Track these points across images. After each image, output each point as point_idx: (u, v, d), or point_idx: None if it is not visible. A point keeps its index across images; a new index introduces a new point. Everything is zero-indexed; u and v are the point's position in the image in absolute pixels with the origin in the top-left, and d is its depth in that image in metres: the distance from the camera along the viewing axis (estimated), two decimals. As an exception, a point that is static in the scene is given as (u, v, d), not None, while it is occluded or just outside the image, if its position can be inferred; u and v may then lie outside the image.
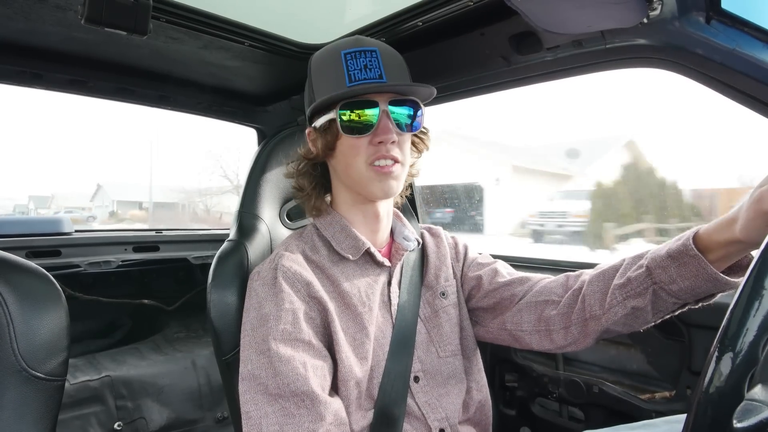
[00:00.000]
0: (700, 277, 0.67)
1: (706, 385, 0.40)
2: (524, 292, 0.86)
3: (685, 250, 0.67)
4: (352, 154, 0.77)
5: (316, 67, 0.82)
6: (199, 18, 1.03)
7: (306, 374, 0.69)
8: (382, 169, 0.76)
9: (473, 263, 0.95)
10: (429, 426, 0.80)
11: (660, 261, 0.70)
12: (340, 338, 0.75)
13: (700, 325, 1.01)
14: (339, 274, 0.81)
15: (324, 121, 0.79)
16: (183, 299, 2.04)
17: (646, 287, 0.70)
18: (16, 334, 0.68)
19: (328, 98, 0.76)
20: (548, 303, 0.82)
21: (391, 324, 0.82)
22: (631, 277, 0.72)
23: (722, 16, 0.73)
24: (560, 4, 0.72)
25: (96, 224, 17.45)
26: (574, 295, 0.80)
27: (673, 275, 0.68)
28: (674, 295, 0.69)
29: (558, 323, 0.80)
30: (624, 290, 0.72)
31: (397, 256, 0.87)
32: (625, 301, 0.72)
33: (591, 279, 0.78)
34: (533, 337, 0.83)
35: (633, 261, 0.75)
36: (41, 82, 1.25)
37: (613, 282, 0.74)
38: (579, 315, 0.78)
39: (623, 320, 0.73)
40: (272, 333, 0.71)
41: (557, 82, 1.07)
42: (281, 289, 0.74)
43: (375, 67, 0.77)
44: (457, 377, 0.86)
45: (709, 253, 0.67)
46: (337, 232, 0.83)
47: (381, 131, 0.76)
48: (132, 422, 1.65)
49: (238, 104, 1.61)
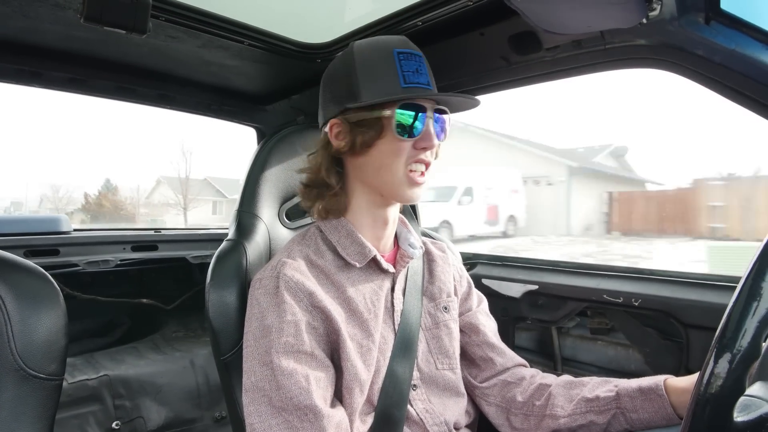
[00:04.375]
0: (659, 414, 0.75)
1: (705, 384, 0.40)
2: (503, 365, 0.92)
3: (655, 389, 0.76)
4: (393, 155, 0.77)
5: (363, 59, 0.78)
6: (199, 17, 1.03)
7: (308, 388, 0.68)
8: (415, 179, 0.78)
9: (473, 302, 0.97)
10: (428, 431, 0.80)
11: (630, 391, 0.78)
12: (347, 346, 0.74)
13: (697, 325, 1.01)
14: (344, 280, 0.80)
15: (368, 117, 0.76)
16: (182, 298, 2.04)
17: (610, 408, 0.78)
18: (14, 333, 0.68)
19: (389, 98, 0.74)
20: (517, 386, 0.89)
21: (392, 330, 0.82)
22: (600, 396, 0.80)
23: (721, 17, 0.73)
24: (560, 4, 0.72)
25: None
26: (541, 389, 0.86)
27: (636, 406, 0.77)
28: (630, 422, 0.77)
29: (519, 408, 0.86)
30: (590, 404, 0.80)
31: (401, 263, 0.86)
32: (586, 414, 0.79)
33: (560, 383, 0.86)
34: (492, 408, 0.90)
35: (602, 383, 0.82)
36: (40, 80, 1.25)
37: (581, 394, 0.81)
38: (540, 409, 0.84)
39: (576, 428, 0.80)
40: (274, 345, 0.70)
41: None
42: (283, 300, 0.73)
43: (424, 73, 0.79)
44: (455, 390, 0.87)
45: (672, 395, 0.75)
46: (342, 237, 0.82)
47: (426, 137, 0.77)
48: (130, 421, 1.65)
49: (237, 103, 1.61)
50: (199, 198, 23.81)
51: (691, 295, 1.03)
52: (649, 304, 1.08)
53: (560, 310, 1.25)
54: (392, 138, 0.76)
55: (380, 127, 0.76)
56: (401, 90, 0.75)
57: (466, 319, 0.94)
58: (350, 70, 0.78)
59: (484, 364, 0.92)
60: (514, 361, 0.93)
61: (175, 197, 22.87)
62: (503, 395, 0.89)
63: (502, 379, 0.90)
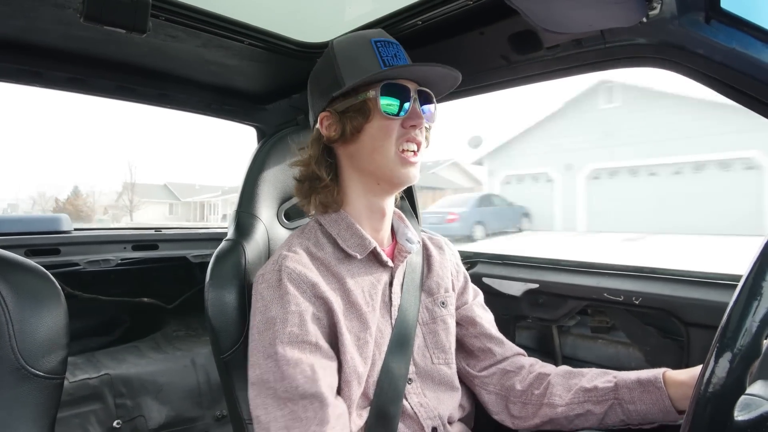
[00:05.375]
0: (656, 407, 0.76)
1: (706, 382, 0.40)
2: (502, 354, 0.93)
3: (654, 382, 0.77)
4: (382, 136, 0.78)
5: (343, 51, 0.82)
6: (198, 16, 1.03)
7: (314, 376, 0.69)
8: (408, 158, 0.79)
9: (469, 296, 0.98)
10: (422, 425, 0.80)
11: (628, 383, 0.79)
12: (345, 338, 0.75)
13: (698, 324, 1.01)
14: (344, 272, 0.80)
15: (354, 103, 0.78)
16: (182, 298, 2.04)
17: (608, 399, 0.79)
18: (15, 332, 0.68)
19: (370, 77, 0.76)
20: (516, 375, 0.90)
21: (389, 324, 0.83)
22: (599, 386, 0.81)
23: (721, 16, 0.73)
24: (560, 3, 0.72)
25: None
26: (540, 378, 0.87)
27: (635, 397, 0.77)
28: (627, 414, 0.78)
29: (518, 396, 0.87)
30: (588, 394, 0.81)
31: (399, 258, 0.87)
32: (584, 403, 0.81)
33: (559, 373, 0.87)
34: (491, 396, 0.91)
35: (601, 374, 0.84)
36: (40, 80, 1.25)
37: (580, 384, 0.83)
38: (538, 398, 0.85)
39: (573, 417, 0.81)
40: (279, 336, 0.71)
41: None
42: (287, 291, 0.73)
43: (402, 57, 0.82)
44: (450, 384, 0.87)
45: (670, 388, 0.76)
46: (342, 229, 0.83)
47: (413, 114, 0.79)
48: (131, 420, 1.65)
49: (237, 103, 1.61)
50: (156, 201, 29.23)
51: (692, 294, 1.03)
52: (650, 302, 1.08)
53: (561, 308, 1.25)
54: (380, 118, 0.78)
55: (367, 110, 0.78)
56: (386, 70, 0.77)
57: (462, 312, 0.94)
58: (332, 63, 0.82)
59: (483, 354, 0.93)
60: (513, 350, 0.94)
61: (127, 201, 28.46)
62: (502, 383, 0.90)
63: (501, 368, 0.91)
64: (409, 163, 0.79)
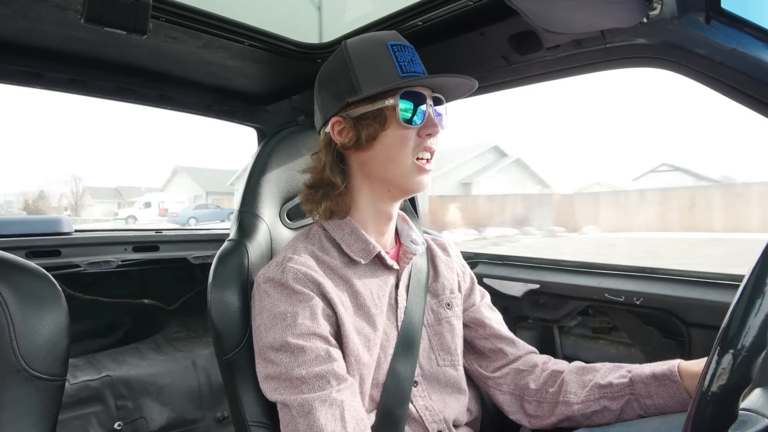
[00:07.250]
0: (674, 400, 0.74)
1: (707, 383, 0.40)
2: (514, 354, 0.92)
3: (669, 375, 0.75)
4: (399, 145, 0.77)
5: (358, 54, 0.79)
6: (199, 17, 1.03)
7: (327, 357, 0.69)
8: (423, 167, 0.79)
9: (476, 298, 0.97)
10: (427, 428, 0.80)
11: (644, 377, 0.77)
12: (353, 339, 0.75)
13: (700, 324, 1.01)
14: (352, 275, 0.80)
15: (371, 110, 0.77)
16: (183, 299, 2.04)
17: (624, 394, 0.78)
18: (16, 334, 0.68)
19: (391, 86, 0.75)
20: (530, 374, 0.88)
21: (395, 327, 0.82)
22: (613, 382, 0.79)
23: (722, 16, 0.73)
24: (560, 3, 0.72)
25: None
26: (554, 375, 0.86)
27: (651, 392, 0.76)
28: (644, 408, 0.77)
29: (533, 395, 0.86)
30: (603, 390, 0.79)
31: (404, 260, 0.87)
32: (600, 400, 0.79)
33: (572, 369, 0.85)
34: (506, 397, 0.89)
35: (615, 369, 0.82)
36: (41, 81, 1.25)
37: (594, 380, 0.81)
38: (553, 396, 0.84)
39: (590, 414, 0.80)
40: (290, 329, 0.70)
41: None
42: (294, 290, 0.73)
43: (418, 62, 0.81)
44: (456, 387, 0.87)
45: (686, 380, 0.75)
46: (346, 234, 0.82)
47: (430, 123, 0.78)
48: (132, 422, 1.65)
49: (237, 104, 1.61)
50: (105, 201, 36.21)
51: (694, 294, 1.03)
52: (651, 302, 1.08)
53: (562, 309, 1.25)
54: (397, 127, 0.76)
55: (383, 118, 0.76)
56: (400, 79, 0.76)
57: (470, 314, 0.94)
58: (347, 66, 0.79)
59: (495, 355, 0.92)
60: (525, 349, 0.93)
61: (73, 202, 34.86)
62: (516, 383, 0.89)
63: (514, 368, 0.90)
64: (425, 171, 0.79)
